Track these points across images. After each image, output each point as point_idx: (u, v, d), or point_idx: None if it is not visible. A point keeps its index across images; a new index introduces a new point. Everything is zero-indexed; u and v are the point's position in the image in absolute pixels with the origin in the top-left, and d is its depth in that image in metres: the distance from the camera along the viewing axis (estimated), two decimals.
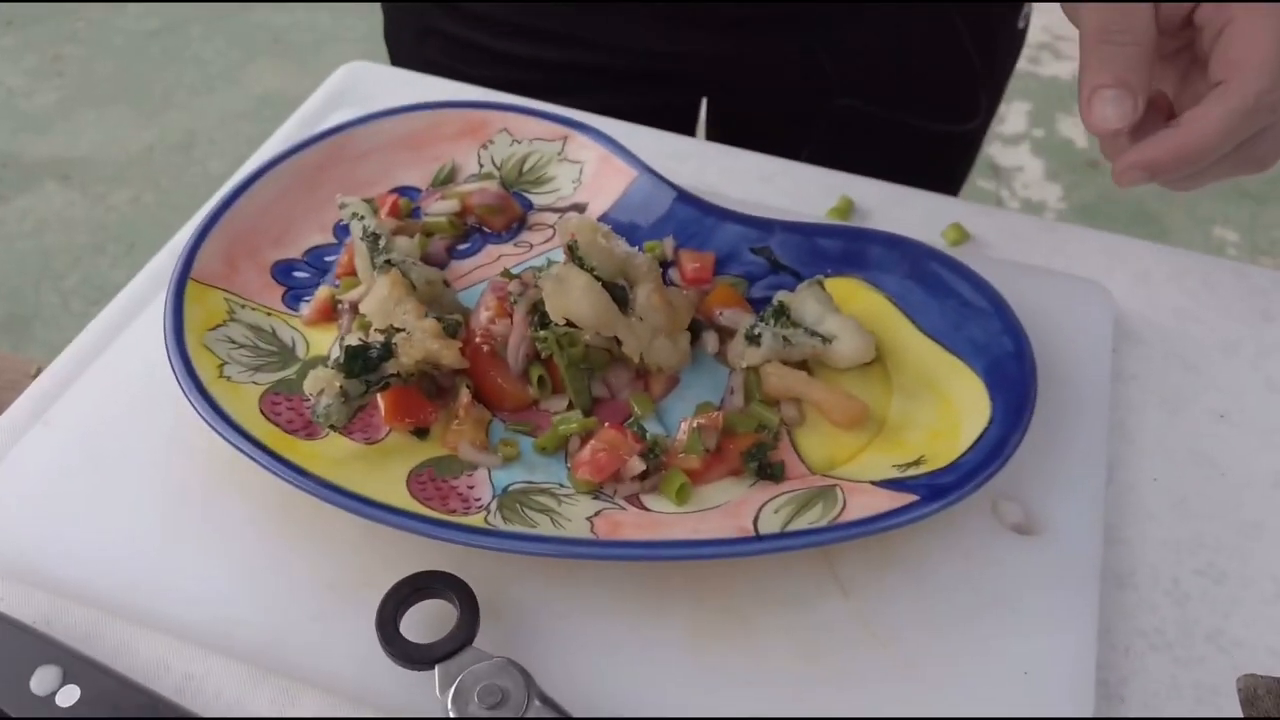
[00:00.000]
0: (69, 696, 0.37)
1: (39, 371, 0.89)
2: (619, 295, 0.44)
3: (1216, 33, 0.42)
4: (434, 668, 0.36)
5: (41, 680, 0.37)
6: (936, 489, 0.40)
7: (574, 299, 0.42)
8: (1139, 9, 0.41)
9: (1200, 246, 2.03)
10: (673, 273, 0.50)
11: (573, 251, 0.44)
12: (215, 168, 2.20)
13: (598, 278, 0.43)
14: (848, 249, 0.50)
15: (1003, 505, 0.43)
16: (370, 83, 0.66)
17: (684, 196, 0.52)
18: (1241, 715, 0.36)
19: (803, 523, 0.39)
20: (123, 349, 0.48)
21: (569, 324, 0.43)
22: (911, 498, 0.39)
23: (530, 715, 0.34)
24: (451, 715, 0.34)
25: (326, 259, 0.50)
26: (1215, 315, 0.55)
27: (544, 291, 0.42)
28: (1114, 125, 0.41)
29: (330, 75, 0.67)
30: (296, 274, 0.49)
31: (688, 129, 0.79)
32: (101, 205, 2.10)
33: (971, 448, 0.41)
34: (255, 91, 2.41)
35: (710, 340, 0.47)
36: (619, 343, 0.44)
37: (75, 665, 0.38)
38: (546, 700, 0.34)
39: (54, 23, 2.55)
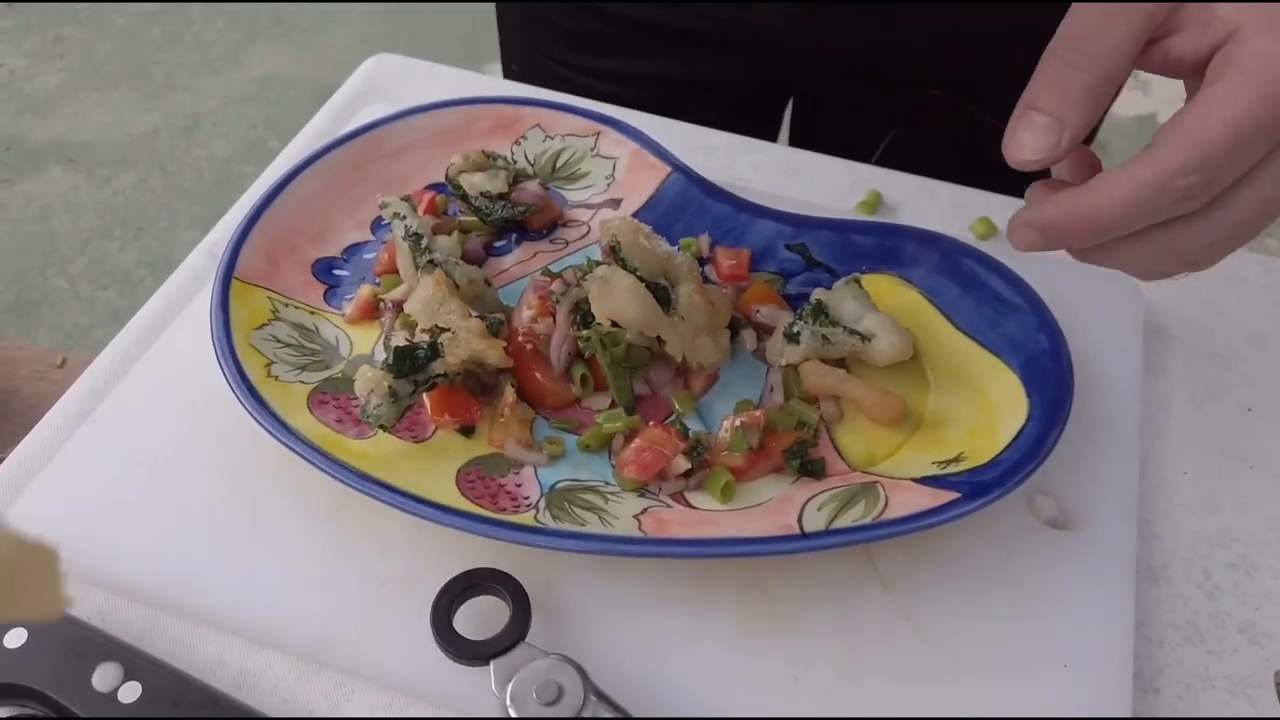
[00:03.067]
0: (131, 693, 0.38)
1: (64, 362, 0.90)
2: (662, 295, 0.44)
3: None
4: (488, 663, 0.37)
5: (103, 677, 0.38)
6: (977, 486, 0.40)
7: (620, 300, 0.42)
8: (1116, 32, 0.35)
9: None
10: (708, 269, 0.50)
11: (615, 252, 0.44)
12: (219, 150, 2.20)
13: (640, 278, 0.44)
14: (882, 245, 0.50)
15: (1038, 500, 0.44)
16: (396, 75, 0.66)
17: (717, 193, 0.53)
18: (1279, 709, 0.37)
19: (846, 520, 0.40)
20: (165, 348, 0.48)
21: (613, 324, 0.43)
22: (953, 495, 0.40)
23: (587, 713, 0.35)
24: (511, 712, 0.35)
25: (365, 256, 0.51)
26: (1242, 309, 0.56)
27: (590, 293, 0.42)
28: (1028, 156, 0.36)
29: (346, 64, 0.67)
30: (336, 272, 0.50)
31: (775, 116, 0.79)
32: (107, 189, 2.10)
33: (1010, 445, 0.42)
34: (257, 73, 2.40)
35: (749, 338, 0.48)
36: (661, 342, 0.44)
37: (135, 662, 0.38)
38: (603, 697, 0.35)
39: (54, 4, 2.53)
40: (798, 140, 0.79)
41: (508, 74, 0.78)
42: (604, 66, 0.71)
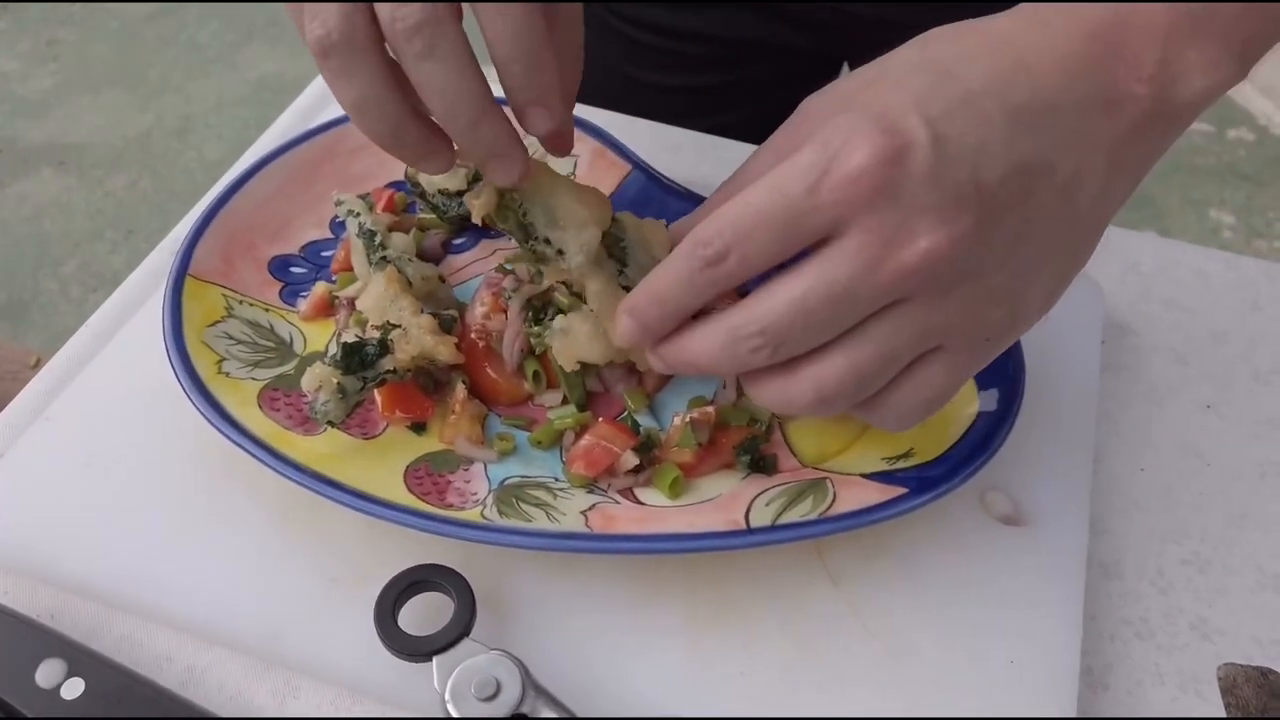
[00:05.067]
0: (74, 689, 0.37)
1: (39, 363, 0.90)
2: None
3: None
4: (431, 660, 0.37)
5: (47, 674, 0.38)
6: (925, 481, 0.40)
7: (582, 347, 0.42)
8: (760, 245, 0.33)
9: (1196, 229, 2.04)
10: None
11: (569, 288, 0.44)
12: (212, 153, 2.20)
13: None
14: None
15: (990, 496, 0.44)
16: None
17: (676, 190, 0.53)
18: (1222, 702, 0.37)
19: (794, 515, 0.40)
20: (122, 345, 0.48)
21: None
22: (901, 490, 0.40)
23: (525, 708, 0.35)
24: (450, 709, 0.35)
25: (323, 254, 0.51)
26: (1205, 306, 0.56)
27: (553, 348, 0.42)
28: (623, 340, 0.37)
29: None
30: (293, 269, 0.50)
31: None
32: (99, 191, 2.10)
33: (960, 440, 0.42)
34: (251, 75, 2.40)
35: None
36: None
37: (80, 658, 0.38)
38: (542, 692, 0.35)
39: (48, 6, 2.54)
40: None
41: None
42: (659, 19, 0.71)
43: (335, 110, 0.60)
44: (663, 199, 0.52)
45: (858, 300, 0.33)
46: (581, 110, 0.58)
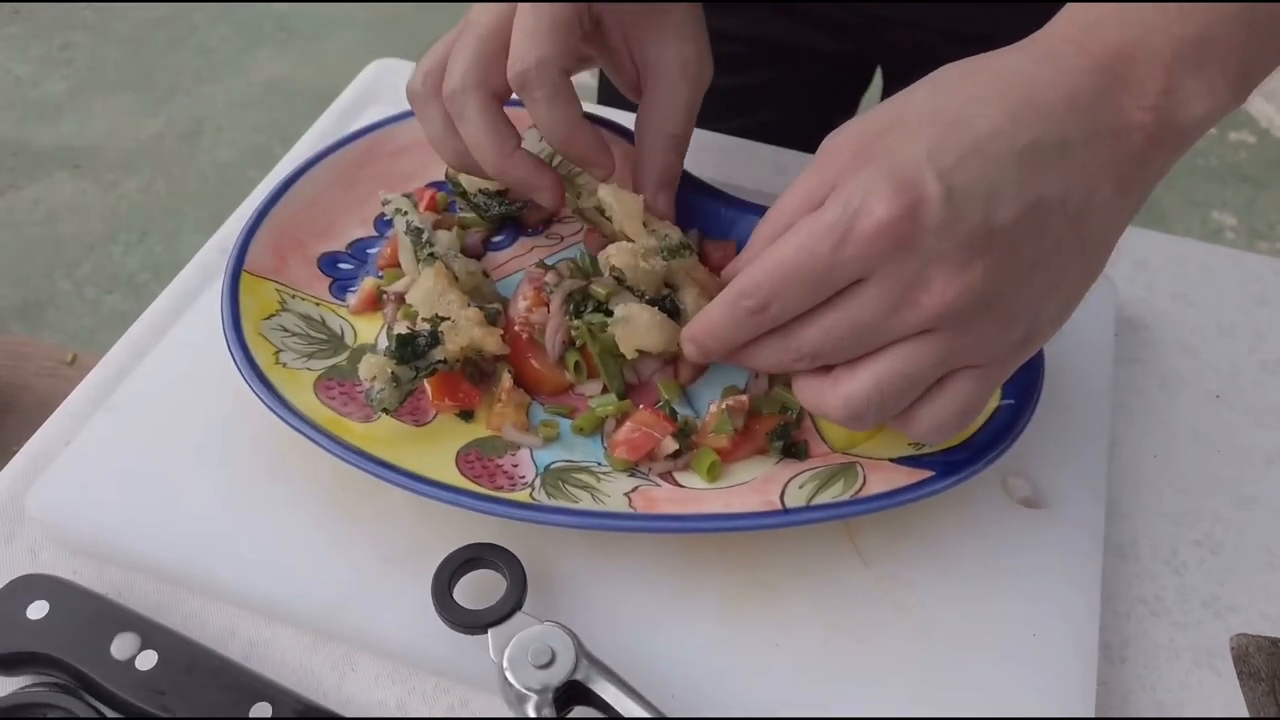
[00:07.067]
0: (148, 661, 0.40)
1: (74, 359, 0.92)
2: (671, 309, 0.46)
3: None
4: (486, 632, 0.39)
5: (121, 646, 0.40)
6: (950, 465, 0.42)
7: (643, 336, 0.45)
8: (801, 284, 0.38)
9: (1198, 230, 2.06)
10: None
11: (621, 282, 0.46)
12: (224, 155, 2.22)
13: (649, 300, 0.46)
14: None
15: (1012, 481, 0.46)
16: (398, 79, 0.68)
17: (705, 189, 0.55)
18: (1235, 672, 0.39)
19: (826, 497, 0.42)
20: (178, 338, 0.50)
21: (605, 310, 0.45)
22: (927, 473, 0.42)
23: (579, 675, 0.37)
24: (508, 675, 0.37)
25: (369, 251, 0.53)
26: (1212, 300, 0.58)
27: (616, 335, 0.45)
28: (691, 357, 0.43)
29: (348, 70, 0.69)
30: (341, 265, 0.52)
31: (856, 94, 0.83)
32: (112, 193, 2.12)
33: (983, 427, 0.44)
34: (261, 79, 2.43)
35: None
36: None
37: (152, 632, 0.41)
38: (595, 661, 0.37)
39: (60, 11, 2.56)
40: None
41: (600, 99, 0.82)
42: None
43: (374, 114, 0.63)
44: (692, 196, 0.54)
45: (880, 334, 0.38)
46: (611, 114, 0.61)
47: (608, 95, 0.82)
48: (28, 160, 2.18)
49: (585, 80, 0.73)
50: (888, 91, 0.82)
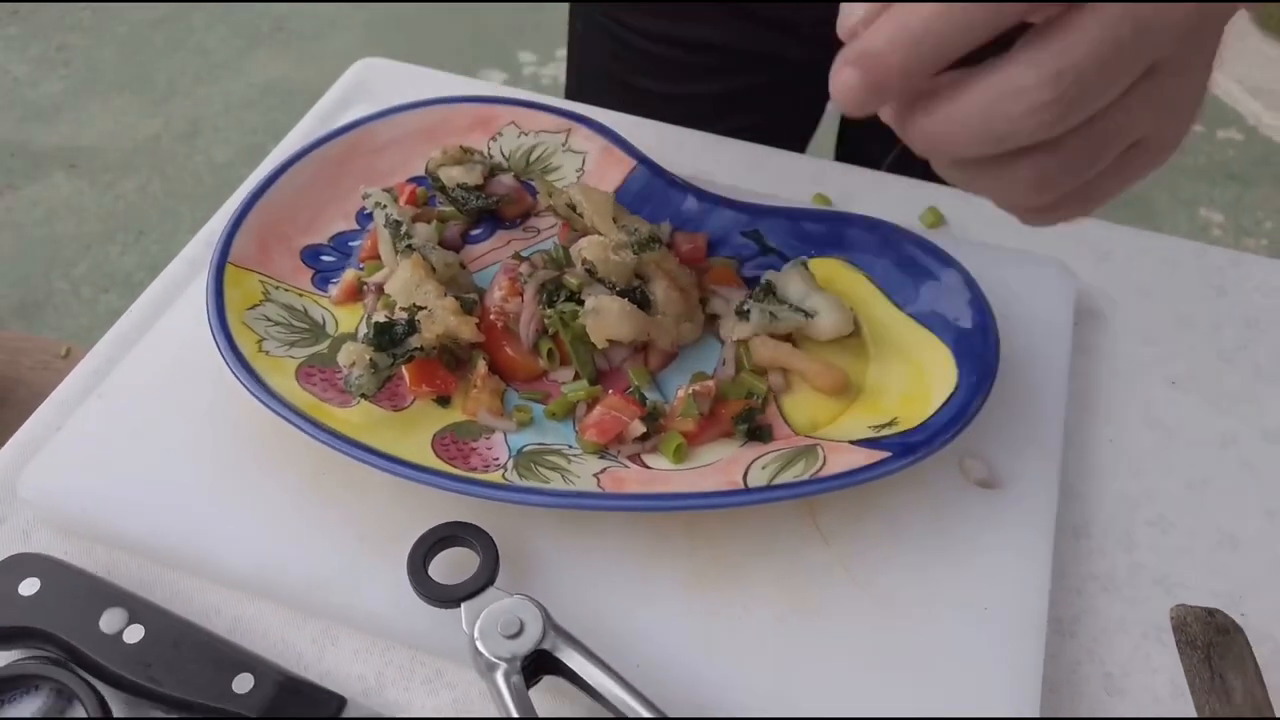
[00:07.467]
0: (135, 634, 0.41)
1: (69, 353, 0.94)
2: (641, 300, 0.48)
3: None
4: (459, 605, 0.41)
5: (110, 621, 0.42)
6: (907, 446, 0.44)
7: (613, 325, 0.46)
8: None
9: (1186, 227, 2.08)
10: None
11: (592, 274, 0.48)
12: (220, 156, 2.24)
13: (620, 291, 0.48)
14: (830, 231, 0.54)
15: (969, 463, 0.48)
16: (382, 77, 0.70)
17: (679, 184, 0.56)
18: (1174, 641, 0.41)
19: (787, 477, 0.44)
20: (165, 329, 0.52)
21: (579, 302, 0.47)
22: (885, 454, 0.44)
23: (546, 645, 0.39)
24: (479, 646, 0.39)
25: (350, 244, 0.55)
26: (1171, 292, 0.60)
27: (587, 325, 0.47)
28: (844, 101, 0.30)
29: (344, 71, 0.71)
30: (324, 258, 0.54)
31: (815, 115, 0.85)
32: (109, 194, 2.14)
33: (938, 411, 0.46)
34: (258, 80, 2.44)
35: (719, 304, 0.51)
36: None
37: (139, 608, 0.42)
38: (561, 632, 0.39)
39: (58, 12, 2.58)
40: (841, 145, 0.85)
41: (568, 93, 0.83)
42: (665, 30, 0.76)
43: (356, 112, 0.64)
44: (665, 191, 0.56)
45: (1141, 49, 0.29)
46: (590, 111, 0.62)
47: (575, 89, 0.84)
48: (25, 160, 2.20)
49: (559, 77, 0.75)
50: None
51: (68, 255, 2.01)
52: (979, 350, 0.48)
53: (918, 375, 0.49)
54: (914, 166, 0.65)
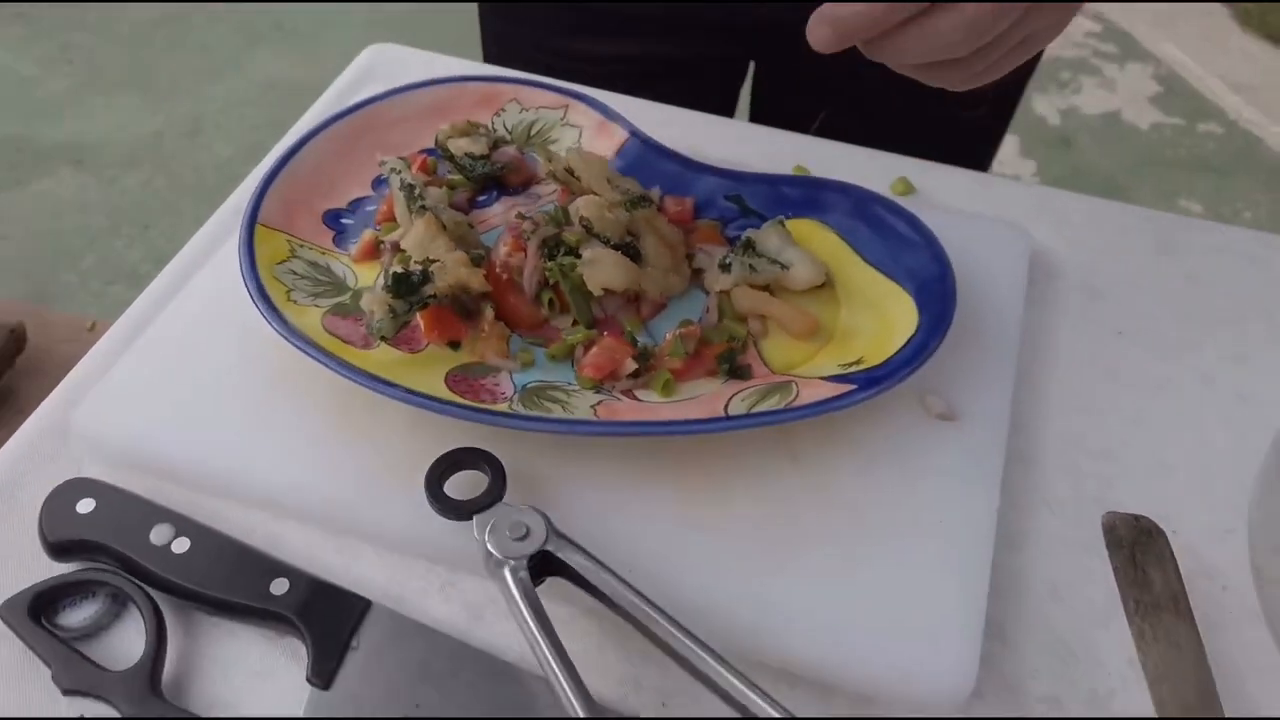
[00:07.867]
0: (181, 546, 0.46)
1: (94, 326, 0.99)
2: (633, 253, 0.53)
3: None
4: (471, 518, 0.46)
5: (159, 534, 0.47)
6: (871, 380, 0.49)
7: (607, 274, 0.52)
8: None
9: None
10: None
11: (589, 230, 0.53)
12: (222, 151, 2.29)
13: (614, 245, 0.53)
14: (806, 196, 0.59)
15: (930, 399, 0.53)
16: (391, 62, 0.75)
17: (668, 154, 0.62)
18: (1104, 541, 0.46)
19: (764, 407, 0.49)
20: (202, 282, 0.57)
21: (576, 255, 0.52)
22: (851, 387, 0.49)
23: (550, 547, 0.44)
24: (489, 548, 0.44)
25: (367, 208, 0.60)
26: (1122, 252, 0.65)
27: (584, 275, 0.52)
28: (820, 46, 0.44)
29: (344, 67, 0.76)
30: (343, 220, 0.59)
31: (734, 85, 0.90)
32: (114, 189, 2.19)
33: (900, 350, 0.51)
34: (259, 78, 2.49)
35: (704, 260, 0.56)
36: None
37: (184, 524, 0.47)
38: (563, 536, 0.44)
39: (63, 12, 2.63)
40: (755, 114, 0.89)
41: (487, 58, 0.88)
42: (575, 48, 0.81)
43: (368, 93, 0.69)
44: (656, 160, 0.61)
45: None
46: (586, 89, 0.68)
47: (494, 55, 0.88)
48: (32, 157, 2.25)
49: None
50: (759, 77, 0.90)
51: (75, 248, 2.06)
52: (938, 297, 0.53)
53: (883, 321, 0.54)
54: (841, 131, 0.70)
